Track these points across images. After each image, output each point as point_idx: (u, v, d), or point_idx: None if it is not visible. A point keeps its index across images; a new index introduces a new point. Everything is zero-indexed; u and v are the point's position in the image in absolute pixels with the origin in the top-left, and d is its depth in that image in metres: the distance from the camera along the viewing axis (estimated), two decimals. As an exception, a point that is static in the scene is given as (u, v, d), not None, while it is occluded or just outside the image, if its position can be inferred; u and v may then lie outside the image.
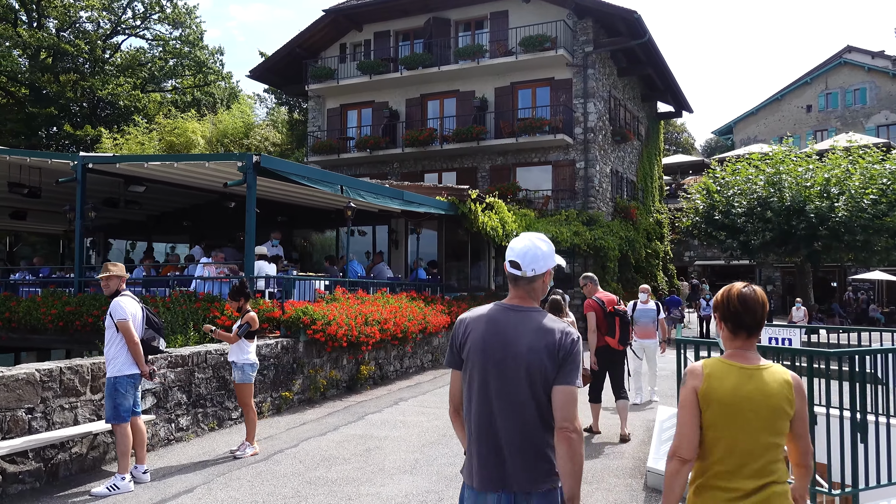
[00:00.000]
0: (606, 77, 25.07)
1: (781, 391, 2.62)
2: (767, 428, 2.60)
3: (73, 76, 33.82)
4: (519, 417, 2.69)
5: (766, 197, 22.49)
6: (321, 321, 9.78)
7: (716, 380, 2.65)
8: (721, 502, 2.59)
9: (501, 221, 16.69)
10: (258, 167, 10.04)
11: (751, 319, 2.70)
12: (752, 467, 2.58)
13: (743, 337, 2.72)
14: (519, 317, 2.78)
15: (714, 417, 2.62)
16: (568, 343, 2.70)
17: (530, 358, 2.69)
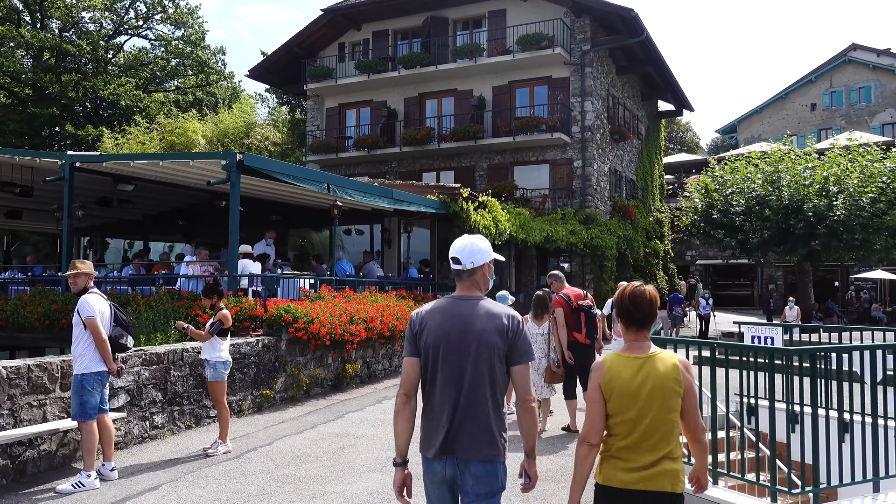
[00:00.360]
0: (605, 75, 24.99)
1: (670, 373, 3.01)
2: (661, 406, 2.99)
3: (75, 76, 33.95)
4: (471, 394, 3.09)
5: (764, 195, 22.39)
6: (303, 319, 9.78)
7: (615, 372, 3.05)
8: (619, 471, 3.01)
9: (495, 220, 16.63)
10: (241, 165, 10.05)
11: (640, 315, 3.09)
12: (649, 443, 2.98)
13: (634, 330, 3.11)
14: (468, 305, 3.18)
15: (616, 404, 3.03)
16: (515, 324, 3.13)
17: (482, 339, 3.09)
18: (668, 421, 2.99)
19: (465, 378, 3.10)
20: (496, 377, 3.11)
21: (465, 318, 3.13)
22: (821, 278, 34.48)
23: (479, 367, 3.09)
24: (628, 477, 2.99)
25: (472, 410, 3.09)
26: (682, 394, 3.01)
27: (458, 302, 3.21)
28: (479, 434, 3.07)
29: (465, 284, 3.27)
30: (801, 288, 25.79)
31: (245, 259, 10.69)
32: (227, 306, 9.30)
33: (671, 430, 3.00)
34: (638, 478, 2.97)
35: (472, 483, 3.07)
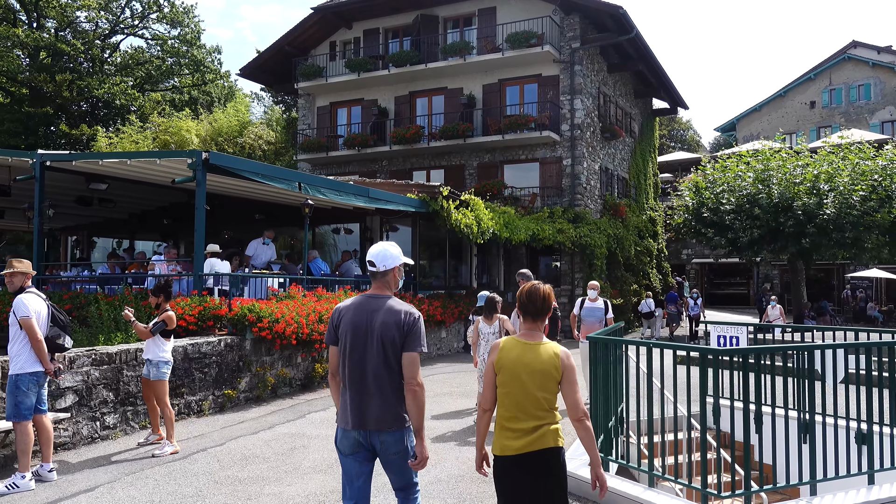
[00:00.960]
0: (595, 73, 24.86)
1: (550, 360, 3.56)
2: (539, 386, 3.54)
3: (69, 76, 33.97)
4: (376, 375, 3.69)
5: (754, 194, 22.22)
6: (267, 319, 9.71)
7: (505, 352, 3.64)
8: (507, 437, 3.57)
9: (477, 219, 16.54)
10: (208, 164, 9.98)
11: (533, 308, 3.68)
12: (528, 413, 3.54)
13: (529, 321, 3.70)
14: (377, 302, 3.80)
15: (503, 379, 3.60)
16: (410, 320, 3.74)
17: (383, 330, 3.69)
18: (544, 399, 3.54)
19: (369, 363, 3.70)
20: (395, 362, 3.70)
21: (372, 313, 3.75)
22: (816, 277, 34.30)
23: (380, 353, 3.68)
24: (517, 443, 3.52)
25: (376, 390, 3.69)
26: (559, 378, 3.56)
27: (369, 299, 3.83)
28: (384, 410, 3.68)
29: (378, 284, 3.90)
30: (793, 287, 25.60)
31: (213, 258, 10.63)
32: (193, 305, 9.28)
33: (549, 406, 3.56)
34: (525, 442, 3.52)
35: (384, 448, 3.72)
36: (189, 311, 9.42)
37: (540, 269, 24.04)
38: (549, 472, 3.52)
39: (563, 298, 23.13)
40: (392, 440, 3.70)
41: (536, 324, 3.67)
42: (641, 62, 26.14)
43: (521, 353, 3.59)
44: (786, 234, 21.83)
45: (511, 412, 3.55)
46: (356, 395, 3.70)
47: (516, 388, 3.54)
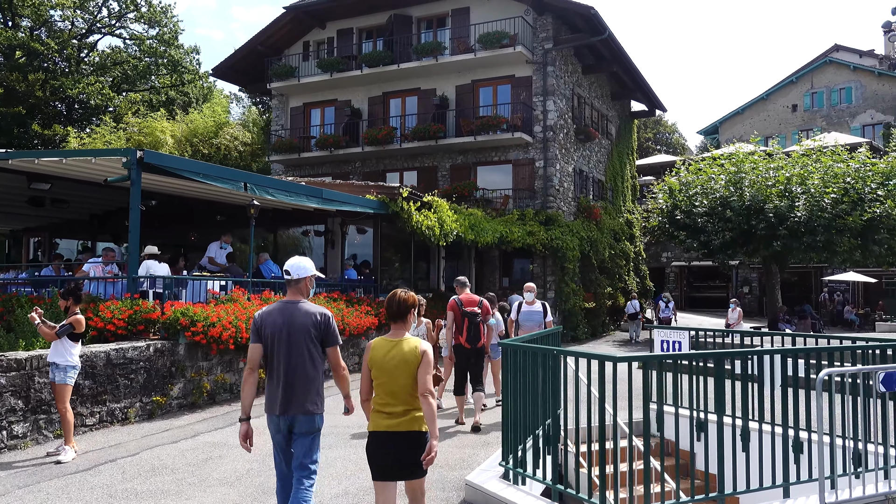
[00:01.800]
0: (569, 75, 24.66)
1: (412, 352, 4.23)
2: (404, 374, 4.20)
3: (42, 75, 33.53)
4: (298, 368, 4.39)
5: (726, 196, 22.07)
6: (201, 323, 9.41)
7: (375, 351, 4.31)
8: (380, 418, 4.25)
9: (440, 221, 16.28)
10: (142, 163, 9.68)
11: (395, 312, 4.40)
12: (398, 398, 4.21)
13: (392, 322, 4.43)
14: (294, 307, 4.48)
15: (376, 373, 4.27)
16: (324, 319, 4.49)
17: (302, 331, 4.41)
18: (409, 385, 4.21)
19: (291, 358, 4.40)
20: (314, 357, 4.43)
21: (291, 316, 4.44)
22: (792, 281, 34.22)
23: (300, 350, 4.40)
24: (386, 422, 4.23)
25: (298, 380, 4.39)
26: (421, 369, 4.20)
27: (287, 305, 4.51)
28: (304, 396, 4.39)
29: (293, 291, 4.59)
30: (768, 290, 25.47)
31: (150, 261, 10.33)
32: (123, 309, 8.97)
33: (413, 392, 4.22)
34: (394, 423, 4.21)
35: (299, 427, 4.41)
36: (118, 314, 9.11)
37: (514, 272, 23.83)
38: (412, 450, 4.20)
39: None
40: (306, 420, 4.40)
41: (398, 324, 4.40)
42: (616, 64, 25.95)
43: (387, 350, 4.27)
44: (758, 236, 21.69)
45: (384, 399, 4.24)
46: (281, 386, 4.38)
47: (387, 379, 4.22)
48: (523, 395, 6.10)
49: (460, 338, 8.60)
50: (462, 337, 8.58)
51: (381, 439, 4.22)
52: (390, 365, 4.19)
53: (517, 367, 6.13)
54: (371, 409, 4.31)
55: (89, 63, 40.15)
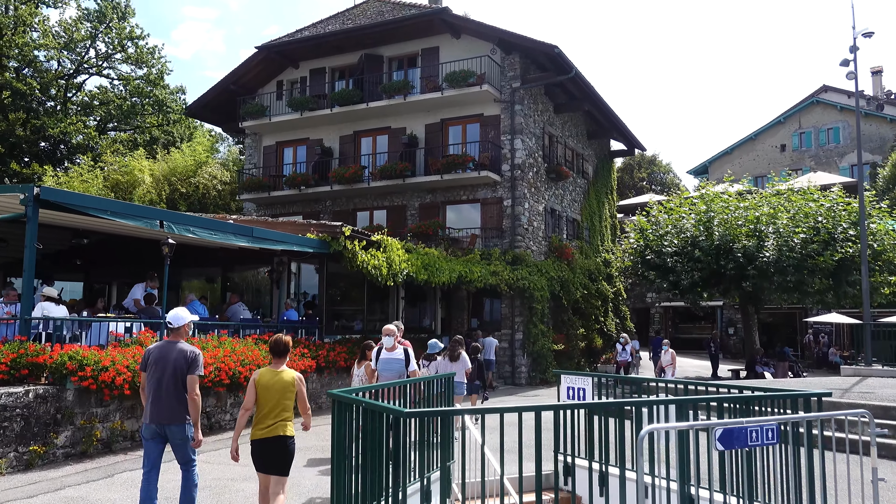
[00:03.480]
0: (539, 113, 24.51)
1: (289, 381, 5.86)
2: (281, 397, 5.77)
3: (22, 115, 33.69)
4: (168, 392, 5.94)
5: (695, 236, 21.66)
6: (90, 367, 8.97)
7: (260, 377, 5.85)
8: (258, 429, 5.74)
9: (388, 260, 15.87)
10: (39, 200, 9.37)
11: (280, 350, 5.96)
12: (272, 414, 5.74)
13: (276, 357, 5.98)
14: (173, 346, 6.11)
15: (261, 393, 5.78)
16: (192, 355, 6.06)
17: (175, 364, 5.98)
18: (284, 404, 5.78)
19: (164, 384, 5.96)
20: (181, 384, 5.98)
21: (168, 352, 6.07)
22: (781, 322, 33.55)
23: (173, 378, 5.98)
24: (262, 433, 5.71)
25: (168, 400, 5.94)
26: (295, 392, 5.87)
27: (169, 344, 6.17)
28: (172, 411, 5.94)
29: (174, 334, 6.28)
30: (745, 331, 24.89)
31: (47, 302, 9.94)
32: (5, 352, 8.56)
33: (286, 408, 5.78)
34: (266, 432, 5.70)
35: (172, 435, 5.98)
36: (1, 358, 8.68)
37: (484, 313, 23.35)
38: (281, 450, 5.74)
39: (503, 343, 22.36)
40: (177, 430, 5.97)
41: (279, 360, 5.98)
42: (587, 102, 25.80)
43: (270, 377, 5.87)
44: (728, 276, 21.22)
45: (263, 413, 5.75)
46: (156, 402, 5.98)
47: (267, 399, 5.77)
48: (362, 462, 5.42)
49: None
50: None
51: (258, 446, 5.75)
52: (272, 389, 5.78)
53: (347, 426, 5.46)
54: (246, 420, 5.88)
55: (76, 102, 40.42)
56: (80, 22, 39.31)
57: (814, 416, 5.03)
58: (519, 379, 22.10)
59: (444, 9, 23.59)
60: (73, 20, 39.51)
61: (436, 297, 22.03)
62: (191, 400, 5.91)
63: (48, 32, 38.46)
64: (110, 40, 40.05)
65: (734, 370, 24.74)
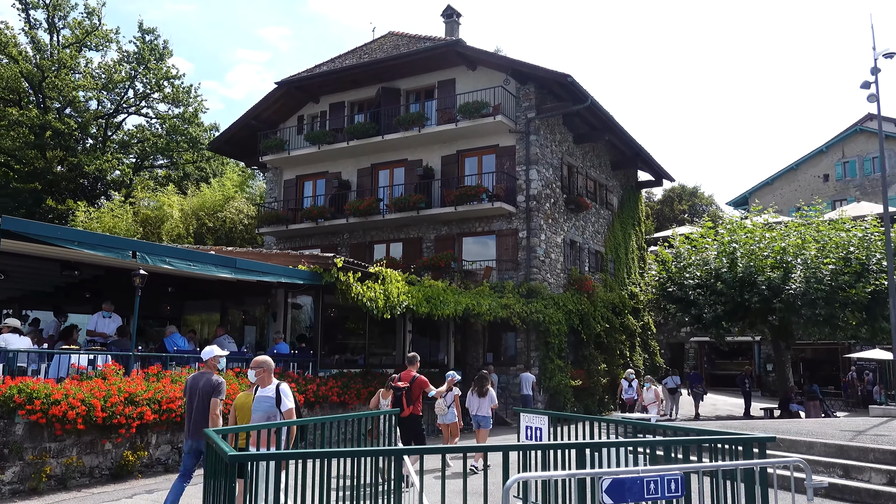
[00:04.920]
0: (558, 143, 24.05)
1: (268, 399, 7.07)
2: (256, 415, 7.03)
3: (60, 153, 34.71)
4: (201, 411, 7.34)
5: (718, 268, 20.74)
6: (40, 400, 8.74)
7: (238, 399, 7.30)
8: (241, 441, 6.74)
9: (385, 293, 15.49)
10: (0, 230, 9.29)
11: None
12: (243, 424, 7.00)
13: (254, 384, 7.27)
14: (203, 375, 7.59)
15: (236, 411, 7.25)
16: (215, 382, 7.46)
17: (203, 389, 7.41)
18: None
19: (195, 406, 7.42)
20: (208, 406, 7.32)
21: (198, 381, 7.54)
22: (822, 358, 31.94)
23: (201, 402, 7.39)
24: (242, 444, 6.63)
25: (198, 419, 7.32)
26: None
27: (200, 374, 7.67)
28: (200, 429, 6.99)
29: (205, 366, 7.77)
30: (778, 368, 23.66)
31: (10, 334, 9.81)
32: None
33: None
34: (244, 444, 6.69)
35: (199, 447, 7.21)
36: (-53, 390, 8.53)
37: (502, 347, 22.72)
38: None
39: (517, 379, 21.65)
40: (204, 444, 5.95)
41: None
42: (607, 132, 25.25)
43: (246, 398, 7.21)
44: (753, 310, 20.19)
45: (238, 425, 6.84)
46: (190, 421, 7.40)
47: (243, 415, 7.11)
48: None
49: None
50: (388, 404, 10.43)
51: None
52: (245, 407, 7.10)
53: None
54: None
55: (115, 141, 41.59)
56: (119, 64, 40.64)
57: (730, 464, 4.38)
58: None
59: (457, 41, 23.49)
60: (113, 62, 40.92)
61: (448, 330, 21.52)
62: (211, 418, 7.19)
63: (89, 74, 39.81)
64: (148, 80, 41.22)
65: (767, 408, 23.47)
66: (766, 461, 4.33)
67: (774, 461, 4.28)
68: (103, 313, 12.49)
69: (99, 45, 40.46)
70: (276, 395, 7.12)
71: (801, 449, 10.63)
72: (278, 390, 7.12)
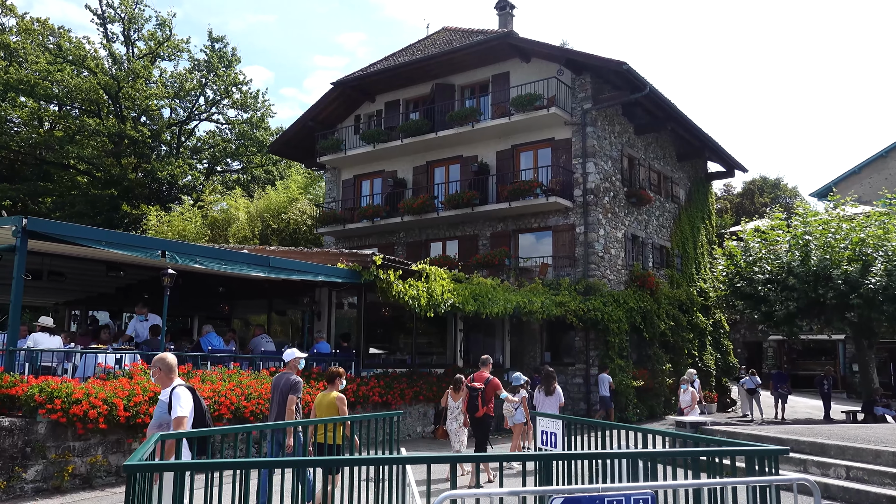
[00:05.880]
0: (616, 135, 23.15)
1: (334, 399, 8.07)
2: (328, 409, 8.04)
3: (134, 160, 36.01)
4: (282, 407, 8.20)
5: (789, 261, 19.43)
6: (60, 399, 8.78)
7: (317, 398, 8.30)
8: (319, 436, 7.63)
9: (429, 291, 15.13)
10: (27, 230, 9.42)
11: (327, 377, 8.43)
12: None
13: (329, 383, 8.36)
14: (284, 375, 8.43)
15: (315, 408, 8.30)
16: (293, 381, 8.29)
17: (283, 387, 8.28)
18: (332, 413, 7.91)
19: (276, 403, 8.26)
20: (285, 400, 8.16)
21: (280, 381, 8.36)
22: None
23: (282, 398, 8.19)
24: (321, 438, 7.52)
25: (280, 415, 8.15)
26: (337, 407, 7.96)
27: (283, 374, 8.45)
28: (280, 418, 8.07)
29: (285, 368, 8.58)
30: (861, 368, 22.00)
31: (39, 333, 9.94)
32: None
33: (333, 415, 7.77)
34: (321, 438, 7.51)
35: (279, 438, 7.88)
36: (-26, 389, 8.68)
37: (561, 346, 22.02)
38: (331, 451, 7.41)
39: (577, 379, 20.96)
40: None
41: (330, 385, 8.28)
42: (670, 122, 24.10)
43: (322, 397, 8.16)
44: (828, 306, 18.81)
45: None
46: (273, 416, 8.28)
47: (319, 414, 7.99)
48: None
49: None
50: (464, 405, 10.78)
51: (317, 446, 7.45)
52: (322, 406, 8.06)
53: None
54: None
55: (187, 147, 42.92)
56: (190, 72, 41.89)
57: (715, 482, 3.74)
58: (595, 417, 20.55)
59: (510, 32, 22.93)
60: (185, 70, 42.23)
61: (503, 329, 21.00)
62: (287, 413, 8.02)
63: (162, 83, 41.22)
64: (217, 87, 42.32)
65: (849, 412, 21.86)
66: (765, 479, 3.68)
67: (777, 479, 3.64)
68: (138, 317, 12.59)
69: (171, 55, 41.84)
70: (169, 400, 5.70)
71: (868, 458, 9.64)
72: (172, 396, 5.70)
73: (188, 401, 5.66)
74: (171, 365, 5.83)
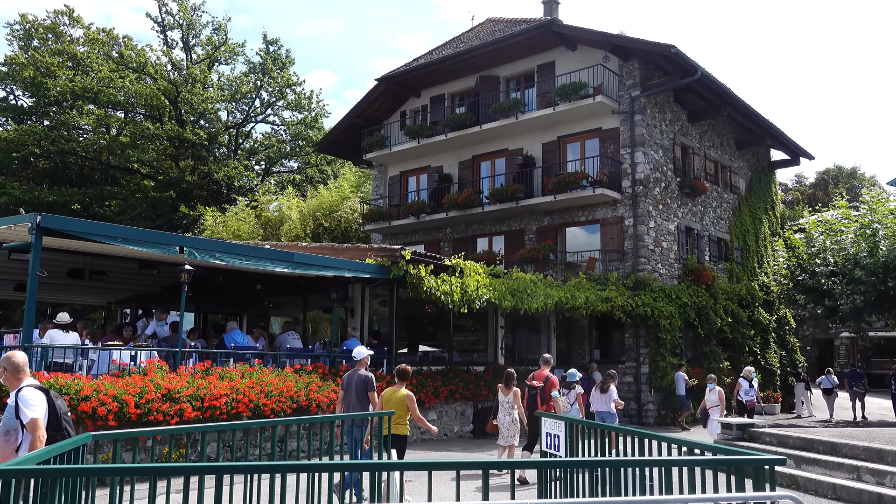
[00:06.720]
0: (668, 123, 22.17)
1: (403, 396, 8.70)
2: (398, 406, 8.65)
3: (191, 162, 36.80)
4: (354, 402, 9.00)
5: (856, 253, 18.14)
6: (69, 395, 8.72)
7: (385, 393, 8.94)
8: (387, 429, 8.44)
9: (462, 286, 14.68)
10: (41, 227, 9.43)
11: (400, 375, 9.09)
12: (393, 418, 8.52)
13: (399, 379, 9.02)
14: (356, 372, 9.22)
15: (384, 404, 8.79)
16: (366, 378, 9.12)
17: (357, 383, 9.09)
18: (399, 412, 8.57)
19: (349, 398, 9.04)
20: (362, 397, 8.94)
21: (352, 377, 9.16)
22: None
23: (355, 394, 9.00)
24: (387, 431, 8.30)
25: (354, 409, 8.83)
26: (406, 405, 8.64)
27: (354, 370, 9.23)
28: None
29: (357, 364, 9.28)
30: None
31: (54, 330, 9.96)
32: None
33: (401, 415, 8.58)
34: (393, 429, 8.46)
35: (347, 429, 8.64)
36: (-16, 386, 8.69)
37: (611, 344, 21.23)
38: (398, 441, 8.46)
39: (627, 377, 20.12)
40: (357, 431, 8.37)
41: (400, 382, 8.87)
42: (726, 107, 22.89)
43: (391, 393, 8.73)
44: (898, 300, 17.49)
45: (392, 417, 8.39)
46: (347, 410, 8.88)
47: (388, 408, 8.53)
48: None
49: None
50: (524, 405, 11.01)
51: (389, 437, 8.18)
52: (391, 401, 8.60)
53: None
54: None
55: (244, 149, 43.67)
56: (246, 75, 42.59)
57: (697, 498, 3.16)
58: (646, 418, 19.73)
59: (553, 20, 22.24)
60: (242, 73, 42.97)
61: (549, 325, 20.35)
62: (373, 407, 8.78)
63: (219, 87, 42.04)
64: (272, 89, 42.87)
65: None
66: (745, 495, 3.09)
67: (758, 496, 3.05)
68: (158, 323, 12.57)
69: (227, 59, 42.63)
70: (16, 403, 5.07)
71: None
72: (18, 398, 5.07)
73: (40, 401, 5.05)
74: (17, 364, 5.18)
